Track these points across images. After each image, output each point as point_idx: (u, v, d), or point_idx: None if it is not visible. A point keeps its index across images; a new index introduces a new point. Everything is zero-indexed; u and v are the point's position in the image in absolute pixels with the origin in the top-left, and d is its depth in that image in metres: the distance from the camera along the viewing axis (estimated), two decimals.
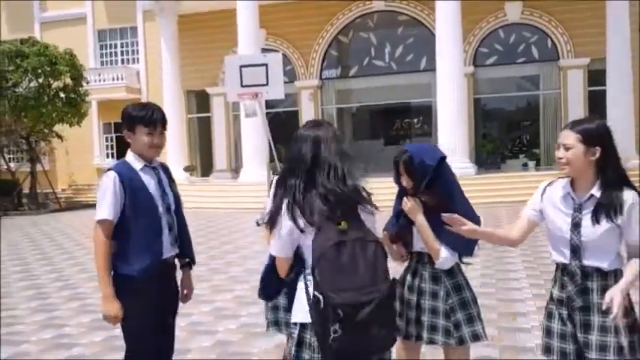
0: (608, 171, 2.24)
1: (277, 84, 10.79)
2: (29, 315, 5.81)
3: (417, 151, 2.70)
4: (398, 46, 20.25)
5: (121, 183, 2.80)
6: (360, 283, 1.98)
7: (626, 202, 2.21)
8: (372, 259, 2.03)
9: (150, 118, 2.86)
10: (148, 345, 2.89)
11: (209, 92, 21.77)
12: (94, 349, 4.68)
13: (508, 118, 21.46)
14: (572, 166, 2.28)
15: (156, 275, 2.84)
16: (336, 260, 2.00)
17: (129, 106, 2.94)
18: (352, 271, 2.00)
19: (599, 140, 2.25)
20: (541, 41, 19.06)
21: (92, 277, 7.59)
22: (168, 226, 2.92)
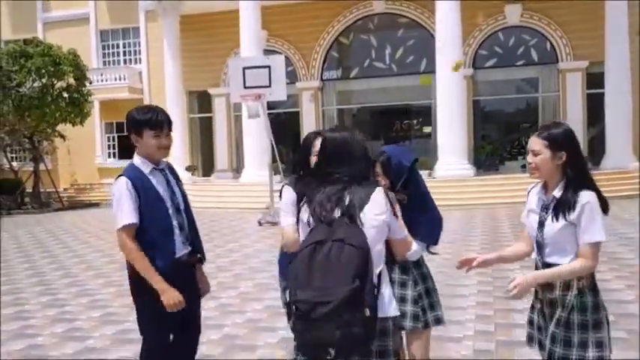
0: (571, 173, 2.38)
1: (280, 86, 10.99)
2: (40, 310, 5.98)
3: (394, 152, 2.91)
4: (398, 48, 20.43)
5: (133, 187, 2.89)
6: (322, 284, 2.05)
7: (580, 201, 2.34)
8: (345, 262, 2.06)
9: (156, 121, 2.93)
10: (164, 342, 2.99)
11: (211, 93, 21.93)
12: (105, 341, 4.85)
13: (507, 120, 21.63)
14: (540, 170, 2.44)
15: (171, 274, 2.90)
16: (309, 259, 2.10)
17: (133, 110, 3.00)
18: (320, 271, 2.07)
19: (564, 145, 2.39)
20: (540, 44, 19.24)
21: (99, 274, 7.77)
22: (179, 226, 3.00)
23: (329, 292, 2.03)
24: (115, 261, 8.74)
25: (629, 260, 7.35)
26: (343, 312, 2.01)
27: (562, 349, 2.38)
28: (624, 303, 5.46)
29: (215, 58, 21.57)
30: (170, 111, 21.30)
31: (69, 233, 12.43)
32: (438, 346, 4.24)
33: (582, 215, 2.34)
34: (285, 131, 20.32)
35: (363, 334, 2.05)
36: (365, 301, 2.06)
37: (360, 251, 2.08)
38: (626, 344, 4.30)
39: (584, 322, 2.37)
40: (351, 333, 2.02)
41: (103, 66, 23.15)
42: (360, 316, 2.04)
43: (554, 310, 2.44)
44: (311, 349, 2.15)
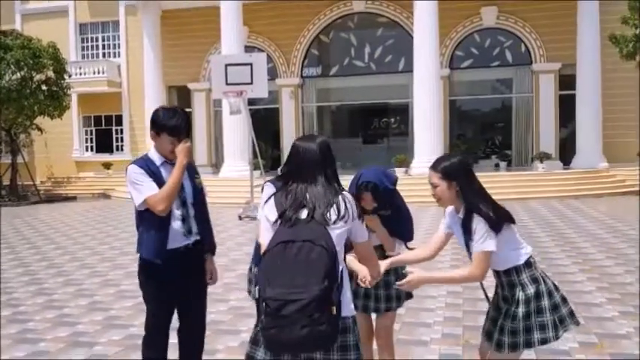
0: (464, 200, 2.72)
1: (261, 83, 11.20)
2: (30, 298, 6.13)
3: (377, 177, 3.19)
4: (377, 47, 20.75)
5: (144, 171, 3.09)
6: (293, 282, 2.12)
7: (474, 222, 2.68)
8: (315, 262, 2.14)
9: (175, 128, 3.10)
10: (164, 312, 3.23)
11: (190, 88, 22.01)
12: (95, 326, 5.05)
13: (482, 120, 22.11)
14: (442, 199, 2.79)
15: (168, 261, 3.11)
16: (279, 257, 2.18)
17: (160, 110, 3.19)
18: (290, 269, 2.14)
19: (456, 175, 2.73)
20: (515, 46, 19.73)
21: (85, 265, 7.91)
22: (182, 218, 3.17)
23: (300, 290, 2.11)
24: (98, 252, 8.89)
25: (592, 255, 7.74)
26: (313, 310, 2.10)
27: (510, 338, 2.73)
28: (594, 306, 5.81)
29: (195, 54, 21.65)
30: (149, 106, 21.51)
31: (49, 226, 12.48)
32: (406, 349, 4.51)
33: (474, 233, 2.68)
34: (264, 127, 20.49)
35: (330, 332, 2.15)
36: (332, 301, 2.16)
37: (329, 252, 2.18)
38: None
39: (528, 312, 2.73)
40: (319, 330, 2.11)
41: (81, 59, 23.04)
42: (327, 314, 2.13)
43: (504, 305, 2.81)
44: (279, 346, 2.20)
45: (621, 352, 4.18)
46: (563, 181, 16.19)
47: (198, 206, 3.28)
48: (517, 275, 2.76)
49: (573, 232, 9.65)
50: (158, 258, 3.13)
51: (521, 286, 2.75)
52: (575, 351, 4.21)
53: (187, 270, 3.24)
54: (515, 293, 2.75)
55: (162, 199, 3.05)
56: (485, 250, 2.64)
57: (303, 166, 2.38)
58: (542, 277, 2.82)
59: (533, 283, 2.76)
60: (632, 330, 4.65)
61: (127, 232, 11.09)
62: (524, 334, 2.72)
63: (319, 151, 2.39)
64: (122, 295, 6.20)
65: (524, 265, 2.78)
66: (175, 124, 3.11)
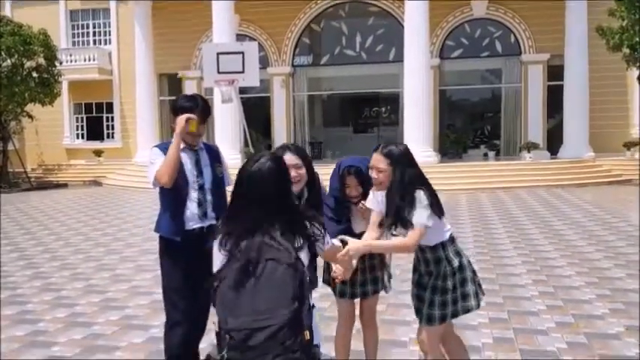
0: (411, 180, 2.91)
1: (253, 72, 11.30)
2: (27, 282, 6.28)
3: (360, 162, 3.28)
4: (368, 36, 20.85)
5: (161, 152, 3.25)
6: (256, 308, 1.90)
7: (417, 199, 2.87)
8: (280, 282, 1.93)
9: (191, 111, 3.24)
10: (179, 301, 3.33)
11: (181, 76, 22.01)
12: (93, 307, 5.21)
13: (472, 110, 22.32)
14: (383, 184, 2.95)
15: (184, 242, 3.27)
16: (237, 282, 1.96)
17: (180, 97, 3.36)
18: (250, 293, 1.93)
19: (403, 161, 2.92)
20: (505, 36, 19.91)
21: (78, 251, 8.05)
22: (198, 202, 3.30)
23: (266, 315, 1.89)
24: (91, 238, 9.03)
25: (569, 236, 7.98)
26: (284, 337, 1.89)
27: (440, 310, 2.93)
28: (573, 289, 6.03)
29: (186, 42, 21.64)
30: (140, 93, 21.47)
31: (42, 212, 12.58)
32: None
33: (414, 208, 2.85)
34: (255, 116, 20.57)
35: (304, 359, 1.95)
36: (304, 325, 1.96)
37: (295, 271, 1.97)
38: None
39: (454, 284, 2.95)
40: (293, 359, 1.91)
41: (72, 46, 22.97)
42: (300, 339, 1.93)
43: (430, 280, 3.00)
44: None
45: (596, 331, 4.40)
46: (549, 171, 16.46)
47: (218, 193, 3.40)
48: (443, 250, 2.97)
49: (557, 220, 9.89)
50: (177, 236, 3.29)
51: (447, 260, 2.95)
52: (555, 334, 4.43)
53: (201, 252, 3.36)
54: (441, 268, 2.95)
55: (161, 173, 3.20)
56: (424, 224, 2.82)
57: (255, 193, 2.13)
58: (461, 250, 3.05)
59: (457, 256, 2.98)
60: (607, 312, 4.87)
61: (119, 219, 11.23)
62: (452, 305, 2.94)
63: (269, 174, 2.14)
64: (117, 279, 6.35)
65: (449, 241, 3.00)
66: (190, 106, 3.26)
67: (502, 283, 5.80)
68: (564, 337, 4.25)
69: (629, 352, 3.95)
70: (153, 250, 7.11)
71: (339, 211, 3.31)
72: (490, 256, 7.16)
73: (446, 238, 3.00)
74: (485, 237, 8.42)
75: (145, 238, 8.74)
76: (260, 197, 2.11)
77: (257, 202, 2.11)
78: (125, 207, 13.45)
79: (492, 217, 10.37)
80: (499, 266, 6.56)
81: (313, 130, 22.28)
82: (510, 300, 5.22)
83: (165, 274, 3.42)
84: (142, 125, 20.68)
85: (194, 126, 3.24)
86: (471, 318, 4.31)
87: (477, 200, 12.90)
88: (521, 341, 4.18)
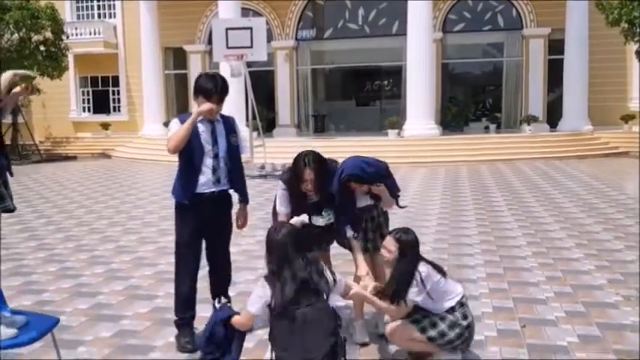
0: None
1: (261, 47, 11.63)
2: (31, 252, 6.72)
3: (356, 167, 3.71)
4: (371, 10, 21.00)
5: (180, 123, 3.65)
6: (306, 346, 2.69)
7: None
8: (320, 324, 2.74)
9: (209, 92, 3.62)
10: (186, 254, 3.79)
11: (186, 49, 22.23)
12: (98, 279, 5.66)
13: (473, 83, 22.57)
14: (389, 263, 3.41)
15: (193, 204, 3.68)
16: (289, 324, 2.74)
17: (202, 76, 3.71)
18: (301, 334, 2.71)
19: (410, 249, 3.37)
20: (506, 10, 20.07)
21: (102, 216, 8.50)
22: (212, 169, 3.69)
23: (313, 351, 2.64)
24: (111, 206, 9.47)
25: (563, 203, 8.42)
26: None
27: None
28: (564, 249, 6.48)
29: (191, 15, 21.81)
30: (146, 67, 21.68)
31: (58, 183, 13.00)
32: None
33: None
34: (259, 89, 20.79)
35: None
36: (339, 355, 2.72)
37: (331, 314, 2.77)
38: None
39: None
40: None
41: (77, 20, 23.12)
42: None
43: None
44: None
45: (591, 296, 4.85)
46: (548, 143, 16.82)
47: (233, 161, 3.81)
48: (442, 321, 3.36)
49: (553, 189, 10.32)
50: (185, 199, 3.72)
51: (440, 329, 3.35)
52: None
53: (212, 213, 3.78)
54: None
55: (170, 139, 3.63)
56: (412, 301, 3.30)
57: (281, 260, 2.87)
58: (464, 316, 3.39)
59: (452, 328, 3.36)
60: (592, 268, 5.33)
61: (135, 189, 11.65)
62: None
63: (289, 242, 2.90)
64: (144, 241, 6.79)
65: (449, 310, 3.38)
66: (209, 87, 3.64)
67: (500, 245, 6.26)
68: (562, 307, 4.70)
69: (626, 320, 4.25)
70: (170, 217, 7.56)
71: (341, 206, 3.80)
72: (489, 221, 7.62)
73: (445, 308, 3.35)
74: (484, 205, 8.86)
75: (161, 206, 9.19)
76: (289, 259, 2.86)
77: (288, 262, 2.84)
78: (137, 177, 13.87)
79: (492, 187, 10.80)
80: (497, 230, 7.03)
81: (316, 103, 22.57)
82: (507, 259, 5.69)
83: (176, 231, 3.85)
84: (148, 99, 20.97)
85: (212, 114, 3.66)
86: (473, 289, 4.76)
87: (477, 171, 13.31)
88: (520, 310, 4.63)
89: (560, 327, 3.98)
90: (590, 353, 3.55)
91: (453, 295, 3.37)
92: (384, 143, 16.58)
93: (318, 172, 3.62)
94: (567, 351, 3.59)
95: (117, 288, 5.02)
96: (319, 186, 3.65)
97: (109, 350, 3.72)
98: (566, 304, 4.41)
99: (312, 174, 3.59)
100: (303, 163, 3.63)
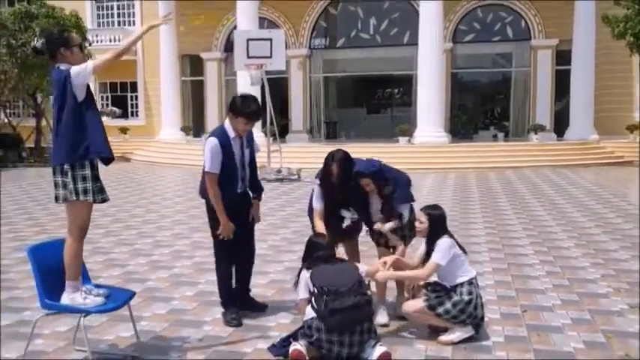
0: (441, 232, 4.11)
1: (279, 57, 12.26)
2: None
3: (363, 168, 4.36)
4: (383, 20, 21.61)
5: (220, 146, 4.21)
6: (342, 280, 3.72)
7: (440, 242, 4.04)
8: (350, 268, 3.93)
9: (249, 115, 4.18)
10: (225, 248, 4.38)
11: (203, 57, 22.92)
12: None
13: (482, 92, 23.11)
14: (422, 232, 4.13)
15: (229, 206, 4.26)
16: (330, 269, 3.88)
17: (239, 98, 4.26)
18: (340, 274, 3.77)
19: (439, 222, 4.12)
20: (515, 22, 20.62)
21: (134, 215, 9.08)
22: (242, 178, 4.36)
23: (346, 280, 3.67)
24: (140, 206, 10.06)
25: (567, 209, 8.94)
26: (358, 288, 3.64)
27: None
28: (563, 248, 7.01)
29: (207, 24, 22.51)
30: (164, 73, 22.34)
31: None
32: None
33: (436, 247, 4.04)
34: (273, 96, 21.33)
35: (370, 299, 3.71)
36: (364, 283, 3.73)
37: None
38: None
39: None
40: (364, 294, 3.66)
41: (97, 27, 23.88)
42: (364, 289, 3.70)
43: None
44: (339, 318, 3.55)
45: (576, 277, 5.38)
46: (555, 152, 17.32)
47: (251, 167, 4.48)
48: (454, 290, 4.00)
49: (558, 196, 10.83)
50: (228, 202, 4.30)
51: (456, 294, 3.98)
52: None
53: (240, 208, 4.44)
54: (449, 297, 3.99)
55: (209, 187, 4.25)
56: (437, 263, 3.94)
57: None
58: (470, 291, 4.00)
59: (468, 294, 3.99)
60: (587, 263, 5.86)
61: (157, 190, 12.25)
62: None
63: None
64: (178, 237, 7.39)
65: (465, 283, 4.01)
66: (250, 111, 4.20)
67: (505, 244, 6.80)
68: (559, 296, 5.24)
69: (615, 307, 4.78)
70: (198, 215, 8.14)
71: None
72: (496, 224, 8.16)
73: (456, 282, 3.97)
74: (492, 211, 9.39)
75: (188, 206, 9.79)
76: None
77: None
78: (159, 180, 14.48)
79: (499, 193, 11.33)
80: (503, 231, 7.56)
81: (328, 110, 23.16)
82: (511, 256, 6.23)
83: (214, 226, 4.37)
84: (165, 104, 21.66)
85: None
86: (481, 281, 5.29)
87: (485, 178, 13.83)
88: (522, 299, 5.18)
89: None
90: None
91: (466, 273, 4.00)
92: (395, 150, 17.11)
93: (342, 167, 4.30)
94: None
95: (162, 276, 5.61)
96: (343, 180, 4.30)
97: (167, 324, 4.32)
98: (563, 294, 4.96)
99: (337, 168, 4.27)
100: (331, 158, 4.34)
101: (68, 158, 3.49)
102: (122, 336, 4.06)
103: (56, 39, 3.60)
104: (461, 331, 3.93)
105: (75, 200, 3.51)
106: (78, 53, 3.62)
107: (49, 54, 3.59)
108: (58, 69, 3.55)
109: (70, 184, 3.49)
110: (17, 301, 4.87)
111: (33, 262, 3.41)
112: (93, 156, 3.53)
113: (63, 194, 3.53)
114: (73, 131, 3.49)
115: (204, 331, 4.18)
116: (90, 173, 3.53)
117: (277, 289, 5.16)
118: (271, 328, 4.23)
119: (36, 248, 3.55)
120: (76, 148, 3.48)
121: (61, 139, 3.51)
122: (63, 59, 3.56)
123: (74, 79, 3.47)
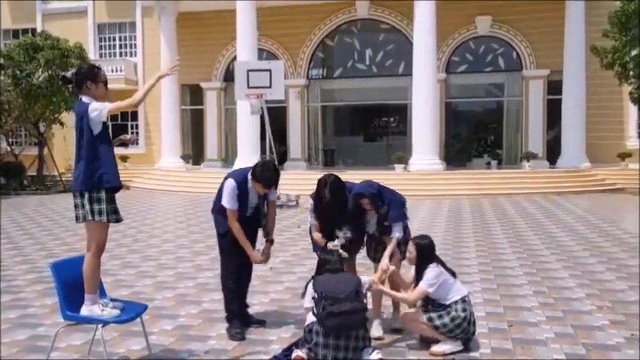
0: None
1: (278, 87, 12.67)
2: None
3: (362, 189, 4.67)
4: (379, 51, 22.21)
5: (237, 189, 4.58)
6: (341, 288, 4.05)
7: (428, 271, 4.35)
8: (349, 278, 4.23)
9: (265, 182, 4.51)
10: (230, 266, 4.72)
11: (203, 86, 23.43)
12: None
13: (476, 120, 23.59)
14: (411, 261, 4.48)
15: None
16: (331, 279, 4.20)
17: (259, 166, 4.56)
18: (337, 283, 4.07)
19: (428, 253, 4.45)
20: (507, 53, 21.22)
21: (137, 240, 9.34)
22: (252, 207, 4.70)
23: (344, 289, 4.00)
24: (143, 231, 10.32)
25: (559, 236, 9.24)
26: (355, 296, 3.94)
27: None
28: (558, 278, 7.30)
29: (207, 54, 23.07)
30: (164, 102, 22.86)
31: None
32: None
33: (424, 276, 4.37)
34: (272, 125, 21.79)
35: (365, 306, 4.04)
36: (361, 293, 4.04)
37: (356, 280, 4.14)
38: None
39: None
40: (360, 301, 3.97)
41: (99, 58, 24.42)
42: (361, 298, 4.02)
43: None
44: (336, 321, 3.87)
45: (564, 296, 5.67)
46: (547, 179, 17.70)
47: (270, 209, 4.85)
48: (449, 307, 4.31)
49: (550, 223, 11.14)
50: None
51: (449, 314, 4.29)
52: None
53: (245, 232, 4.71)
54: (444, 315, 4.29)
55: (231, 222, 4.58)
56: (424, 289, 4.27)
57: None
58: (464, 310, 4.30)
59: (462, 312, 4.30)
60: (586, 298, 6.15)
61: (160, 216, 12.53)
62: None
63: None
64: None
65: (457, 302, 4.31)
66: (267, 179, 4.53)
67: (496, 266, 7.08)
68: (544, 313, 5.52)
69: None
70: (200, 239, 8.40)
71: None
72: (487, 247, 8.45)
73: (449, 301, 4.29)
74: (484, 235, 9.68)
75: (189, 232, 10.06)
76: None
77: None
78: (159, 206, 14.76)
79: (492, 219, 11.64)
80: (494, 254, 7.85)
81: (326, 138, 23.60)
82: (501, 277, 6.52)
83: (224, 253, 4.76)
84: (165, 133, 22.07)
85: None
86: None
87: (479, 205, 14.16)
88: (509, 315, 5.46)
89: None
90: None
91: (458, 292, 4.31)
92: (391, 177, 17.43)
93: (334, 191, 4.62)
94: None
95: (168, 295, 5.88)
96: (335, 204, 4.62)
97: (174, 339, 4.59)
98: (548, 311, 5.23)
99: (329, 192, 4.60)
100: (324, 182, 4.66)
101: (85, 185, 3.87)
102: (133, 349, 4.33)
103: (85, 72, 3.94)
104: (452, 345, 4.20)
105: (91, 220, 3.83)
106: (102, 89, 3.97)
107: (77, 84, 3.94)
108: (80, 101, 3.90)
109: (87, 206, 3.85)
110: (32, 318, 5.14)
111: (55, 276, 3.70)
112: (106, 186, 3.89)
113: (82, 214, 3.85)
114: (88, 161, 3.88)
115: (209, 345, 4.45)
116: (105, 196, 3.88)
117: (278, 307, 5.44)
118: (273, 341, 4.50)
119: (58, 264, 3.84)
120: (92, 176, 3.87)
121: (79, 167, 3.90)
122: (87, 91, 3.90)
123: (91, 115, 3.86)
